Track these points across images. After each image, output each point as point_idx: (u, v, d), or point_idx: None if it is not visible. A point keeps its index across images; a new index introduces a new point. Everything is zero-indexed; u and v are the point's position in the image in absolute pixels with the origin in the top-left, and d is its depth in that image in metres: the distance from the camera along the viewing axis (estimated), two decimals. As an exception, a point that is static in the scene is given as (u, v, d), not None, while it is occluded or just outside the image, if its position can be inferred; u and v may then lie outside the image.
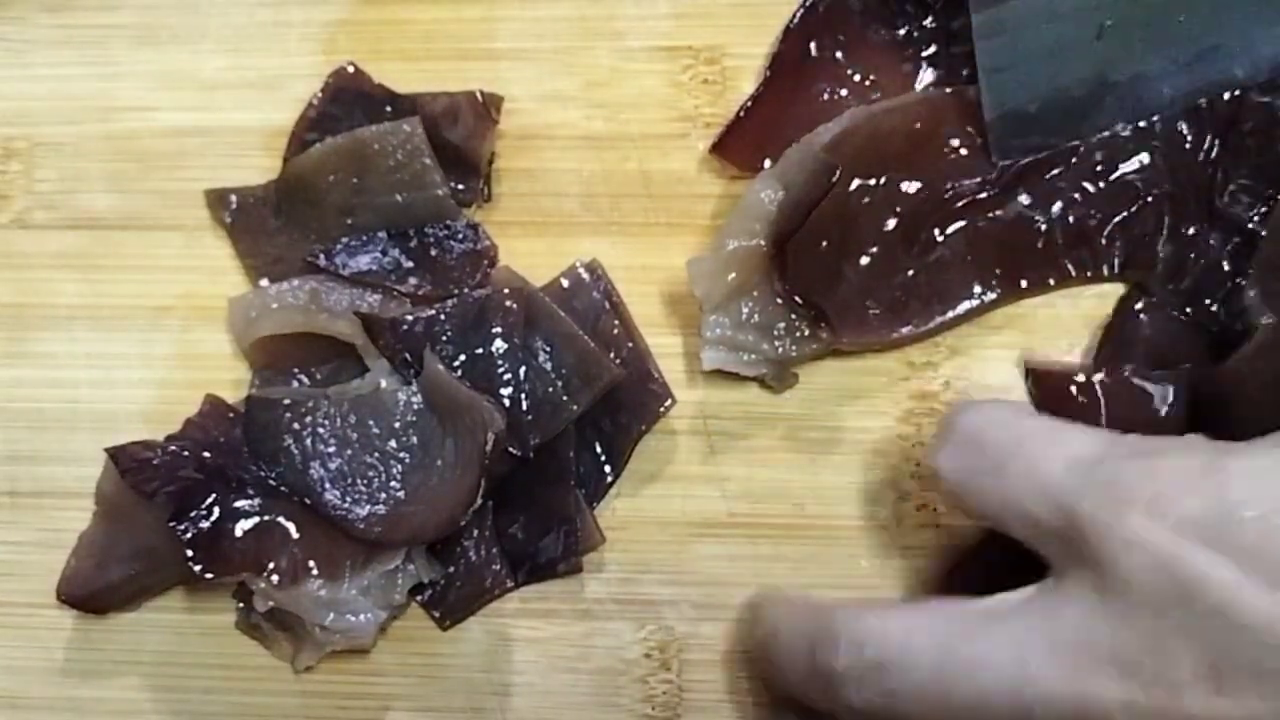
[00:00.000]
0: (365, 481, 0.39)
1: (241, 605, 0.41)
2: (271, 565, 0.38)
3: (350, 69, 0.45)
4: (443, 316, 0.40)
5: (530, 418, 0.40)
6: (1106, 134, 0.42)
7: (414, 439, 0.40)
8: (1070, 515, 0.31)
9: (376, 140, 0.42)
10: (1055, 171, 0.42)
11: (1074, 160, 0.42)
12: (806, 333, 0.40)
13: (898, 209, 0.42)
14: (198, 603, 0.41)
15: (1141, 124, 0.42)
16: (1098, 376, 0.39)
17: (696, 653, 0.40)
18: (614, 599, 0.41)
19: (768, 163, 0.42)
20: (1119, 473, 0.31)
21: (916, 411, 0.41)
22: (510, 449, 0.39)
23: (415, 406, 0.40)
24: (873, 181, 0.42)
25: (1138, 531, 0.30)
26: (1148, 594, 0.30)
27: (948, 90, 0.43)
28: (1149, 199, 0.41)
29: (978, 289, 0.42)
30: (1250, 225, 0.40)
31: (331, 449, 0.39)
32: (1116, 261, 0.41)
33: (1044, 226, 0.42)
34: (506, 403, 0.39)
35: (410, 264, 0.43)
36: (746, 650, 0.39)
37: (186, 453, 0.40)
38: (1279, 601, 0.28)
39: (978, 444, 0.34)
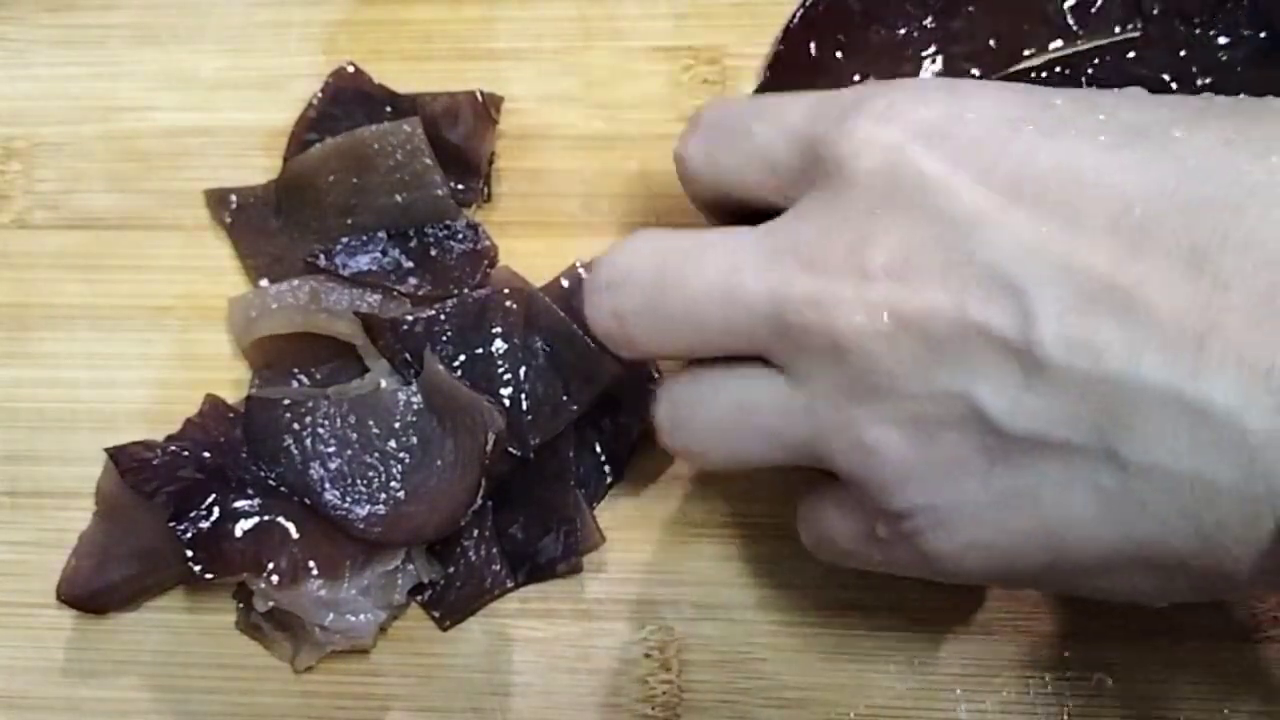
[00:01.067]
0: (365, 481, 0.39)
1: (241, 605, 0.41)
2: (271, 565, 0.38)
3: (350, 69, 0.45)
4: (443, 316, 0.40)
5: (530, 418, 0.40)
6: None
7: (414, 439, 0.40)
8: (809, 143, 0.31)
9: (376, 140, 0.42)
10: None
11: None
12: None
13: None
14: (198, 603, 0.41)
15: None
16: None
17: (696, 653, 0.40)
18: (614, 599, 0.41)
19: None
20: (856, 96, 0.31)
21: (916, 411, 0.41)
22: (510, 449, 0.39)
23: (415, 406, 0.40)
24: None
25: (867, 133, 0.30)
26: (864, 189, 0.29)
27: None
28: None
29: None
30: None
31: (331, 449, 0.39)
32: None
33: None
34: (506, 403, 0.39)
35: (410, 264, 0.43)
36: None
37: (186, 453, 0.40)
38: (985, 194, 0.28)
39: (722, 123, 0.34)
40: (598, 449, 0.42)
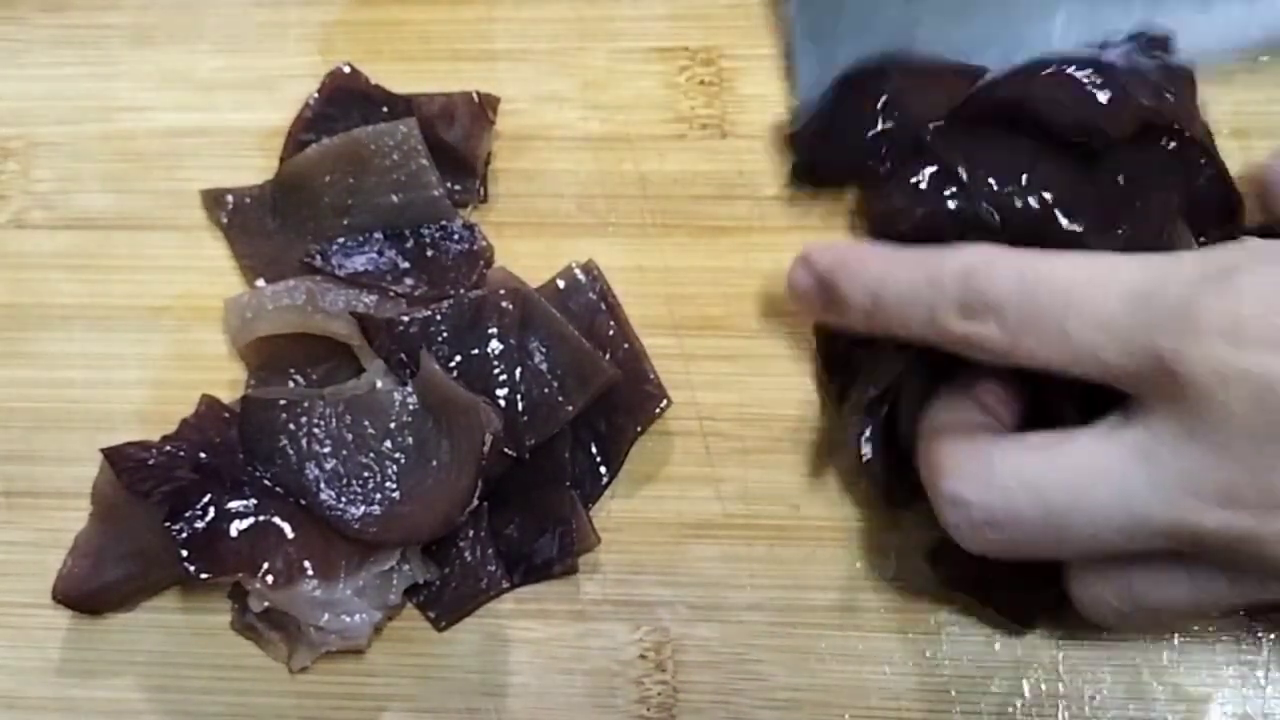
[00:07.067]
0: (361, 482, 0.39)
1: (236, 606, 0.41)
2: (266, 565, 0.38)
3: (347, 69, 0.45)
4: (439, 317, 0.40)
5: (526, 418, 0.40)
6: None
7: (410, 439, 0.40)
8: (1149, 354, 0.30)
9: (373, 141, 0.42)
10: None
11: None
12: None
13: None
14: (193, 603, 0.41)
15: None
16: None
17: (692, 654, 0.40)
18: (609, 600, 0.41)
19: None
20: (1191, 300, 0.30)
21: (912, 413, 0.41)
22: (506, 450, 0.39)
23: (411, 407, 0.40)
24: None
25: (1228, 362, 0.29)
26: (1247, 424, 0.29)
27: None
28: None
29: None
30: None
31: (327, 449, 0.39)
32: None
33: None
34: (502, 403, 0.39)
35: (406, 264, 0.43)
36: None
37: (182, 453, 0.40)
38: None
39: (1023, 310, 0.32)
40: (593, 450, 0.42)
